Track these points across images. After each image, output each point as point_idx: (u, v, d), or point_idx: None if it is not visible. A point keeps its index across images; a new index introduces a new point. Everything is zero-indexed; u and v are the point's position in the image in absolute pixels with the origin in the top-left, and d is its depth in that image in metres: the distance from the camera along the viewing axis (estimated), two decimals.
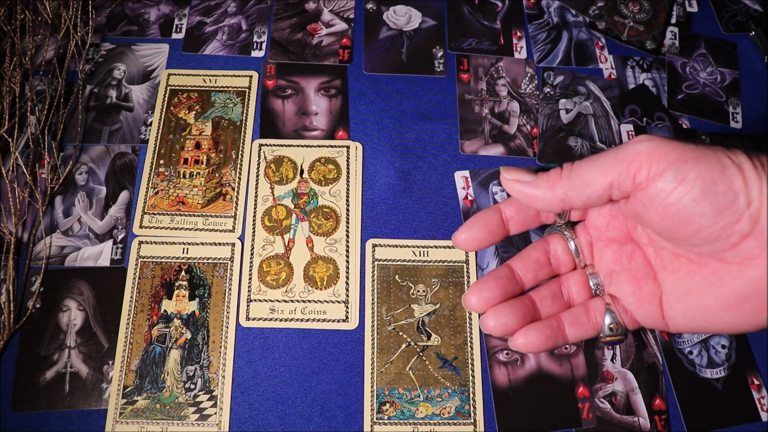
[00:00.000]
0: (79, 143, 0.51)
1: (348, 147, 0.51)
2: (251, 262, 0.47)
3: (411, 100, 0.54)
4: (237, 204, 0.49)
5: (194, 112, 0.53)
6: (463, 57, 0.56)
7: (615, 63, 0.57)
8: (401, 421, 0.43)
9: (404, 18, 0.58)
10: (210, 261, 0.47)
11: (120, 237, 0.47)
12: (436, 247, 0.48)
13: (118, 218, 0.48)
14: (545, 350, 0.33)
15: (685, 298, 0.30)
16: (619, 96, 0.55)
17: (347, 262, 0.47)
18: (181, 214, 0.48)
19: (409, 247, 0.48)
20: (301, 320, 0.45)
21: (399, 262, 0.47)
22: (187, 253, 0.47)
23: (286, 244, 0.48)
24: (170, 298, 0.45)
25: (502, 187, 0.50)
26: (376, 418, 0.43)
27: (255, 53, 0.56)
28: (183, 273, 0.46)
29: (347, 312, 0.45)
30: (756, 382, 0.45)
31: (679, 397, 0.44)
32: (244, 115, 0.53)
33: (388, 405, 0.43)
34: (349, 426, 0.42)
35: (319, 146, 0.51)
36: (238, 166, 0.50)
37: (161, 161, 0.50)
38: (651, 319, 0.32)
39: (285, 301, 0.46)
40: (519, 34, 0.58)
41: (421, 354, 0.44)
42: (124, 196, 0.49)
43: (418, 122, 0.53)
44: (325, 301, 0.46)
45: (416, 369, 0.44)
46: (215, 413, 0.42)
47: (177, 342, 0.44)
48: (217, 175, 0.50)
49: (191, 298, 0.46)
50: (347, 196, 0.49)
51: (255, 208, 0.49)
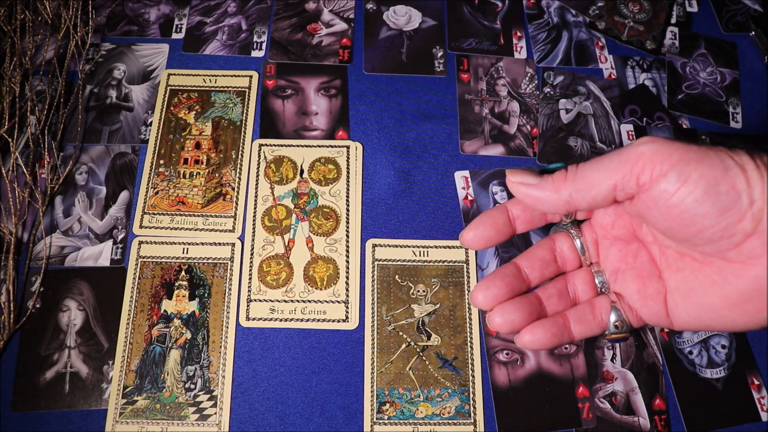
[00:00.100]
0: (79, 143, 0.51)
1: (348, 147, 0.51)
2: (251, 262, 0.47)
3: (411, 100, 0.54)
4: (237, 204, 0.49)
5: (194, 112, 0.53)
6: (463, 57, 0.56)
7: (615, 63, 0.57)
8: (401, 421, 0.43)
9: (404, 18, 0.58)
10: (210, 261, 0.47)
11: (120, 237, 0.47)
12: (436, 247, 0.48)
13: (118, 218, 0.48)
14: (551, 347, 0.33)
15: (690, 296, 0.30)
16: (619, 96, 0.55)
17: (347, 262, 0.47)
18: (181, 214, 0.48)
19: (409, 247, 0.48)
20: (301, 320, 0.45)
21: (399, 262, 0.47)
22: (187, 253, 0.47)
23: (286, 244, 0.48)
24: (170, 298, 0.45)
25: (505, 188, 0.50)
26: (376, 418, 0.43)
27: (255, 53, 0.56)
28: (183, 273, 0.46)
29: (347, 312, 0.45)
30: (756, 382, 0.45)
31: (679, 397, 0.44)
32: (244, 115, 0.53)
33: (388, 405, 0.43)
34: (349, 426, 0.42)
35: (319, 146, 0.51)
36: (238, 166, 0.50)
37: (161, 161, 0.50)
38: (656, 317, 0.32)
39: (285, 301, 0.46)
40: (519, 34, 0.58)
41: (421, 354, 0.44)
42: (124, 196, 0.49)
43: (418, 122, 0.53)
44: (325, 301, 0.46)
45: (416, 369, 0.44)
46: (215, 413, 0.42)
47: (177, 342, 0.44)
48: (217, 175, 0.50)
49: (191, 298, 0.46)
50: (347, 196, 0.49)
51: (255, 208, 0.49)
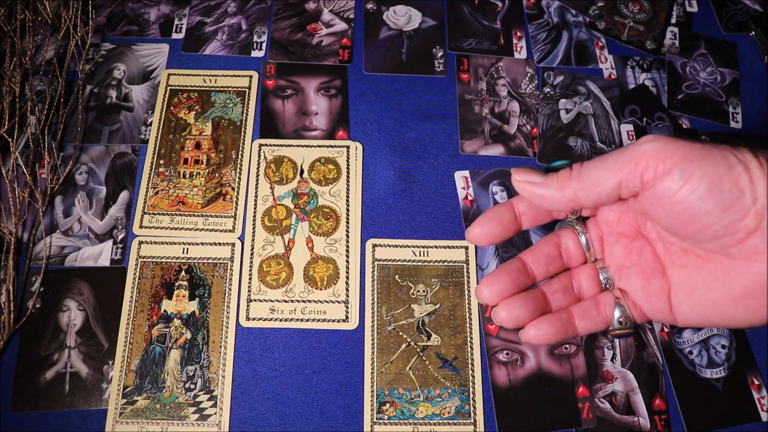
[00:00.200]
0: (79, 143, 0.51)
1: (348, 147, 0.51)
2: (251, 262, 0.47)
3: (411, 100, 0.54)
4: (237, 204, 0.49)
5: (194, 112, 0.53)
6: (463, 57, 0.56)
7: (615, 63, 0.57)
8: (401, 421, 0.43)
9: (404, 18, 0.58)
10: (210, 261, 0.47)
11: (120, 237, 0.47)
12: (436, 247, 0.48)
13: (118, 218, 0.48)
14: (555, 342, 0.33)
15: (693, 292, 0.30)
16: (619, 96, 0.55)
17: (347, 262, 0.47)
18: (181, 214, 0.48)
19: (409, 247, 0.48)
20: (301, 320, 0.45)
21: (399, 262, 0.47)
22: (187, 253, 0.47)
23: (286, 244, 0.48)
24: (170, 298, 0.45)
25: (505, 188, 0.50)
26: (376, 418, 0.43)
27: (255, 53, 0.56)
28: (183, 273, 0.46)
29: (347, 312, 0.45)
30: (756, 382, 0.45)
31: (679, 397, 0.44)
32: (244, 115, 0.53)
33: (388, 405, 0.43)
34: (349, 426, 0.42)
35: (319, 146, 0.51)
36: (238, 166, 0.50)
37: (161, 161, 0.50)
38: (659, 314, 0.32)
39: (285, 301, 0.46)
40: (519, 34, 0.58)
41: (421, 354, 0.44)
42: (124, 196, 0.49)
43: (418, 122, 0.53)
44: (325, 301, 0.46)
45: (416, 369, 0.44)
46: (215, 413, 0.42)
47: (177, 342, 0.44)
48: (217, 175, 0.50)
49: (191, 298, 0.46)
50: (347, 196, 0.49)
51: (255, 208, 0.49)
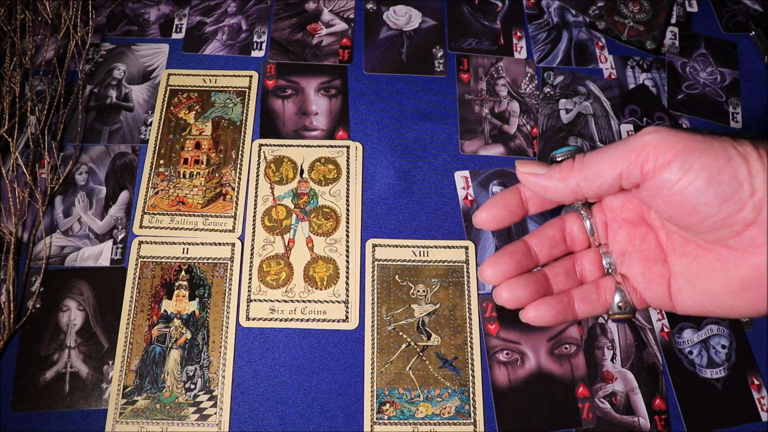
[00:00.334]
0: (79, 143, 0.51)
1: (348, 147, 0.51)
2: (251, 262, 0.47)
3: (411, 100, 0.54)
4: (237, 204, 0.49)
5: (194, 112, 0.53)
6: (463, 57, 0.56)
7: (615, 63, 0.57)
8: (401, 421, 0.43)
9: (404, 18, 0.58)
10: (210, 261, 0.47)
11: (120, 237, 0.47)
12: (436, 247, 0.48)
13: (118, 218, 0.48)
14: (554, 324, 0.33)
15: (693, 281, 0.30)
16: (619, 96, 0.55)
17: (347, 262, 0.47)
18: (181, 214, 0.48)
19: (409, 247, 0.48)
20: (301, 320, 0.45)
21: (399, 262, 0.47)
22: (187, 253, 0.47)
23: (286, 244, 0.48)
24: (170, 298, 0.45)
25: (505, 188, 0.50)
26: (376, 418, 0.43)
27: (255, 53, 0.56)
28: (183, 273, 0.46)
29: (347, 312, 0.45)
30: (756, 382, 0.45)
31: (679, 397, 0.44)
32: (244, 115, 0.53)
33: (388, 405, 0.43)
34: (349, 426, 0.42)
35: (319, 146, 0.51)
36: (238, 166, 0.50)
37: (161, 161, 0.50)
38: (659, 300, 0.32)
39: (285, 301, 0.46)
40: (519, 34, 0.58)
41: (421, 354, 0.44)
42: (124, 196, 0.49)
43: (418, 122, 0.53)
44: (325, 301, 0.46)
45: (416, 369, 0.44)
46: (215, 413, 0.42)
47: (177, 342, 0.44)
48: (217, 175, 0.50)
49: (191, 298, 0.46)
50: (347, 196, 0.49)
51: (255, 208, 0.49)
